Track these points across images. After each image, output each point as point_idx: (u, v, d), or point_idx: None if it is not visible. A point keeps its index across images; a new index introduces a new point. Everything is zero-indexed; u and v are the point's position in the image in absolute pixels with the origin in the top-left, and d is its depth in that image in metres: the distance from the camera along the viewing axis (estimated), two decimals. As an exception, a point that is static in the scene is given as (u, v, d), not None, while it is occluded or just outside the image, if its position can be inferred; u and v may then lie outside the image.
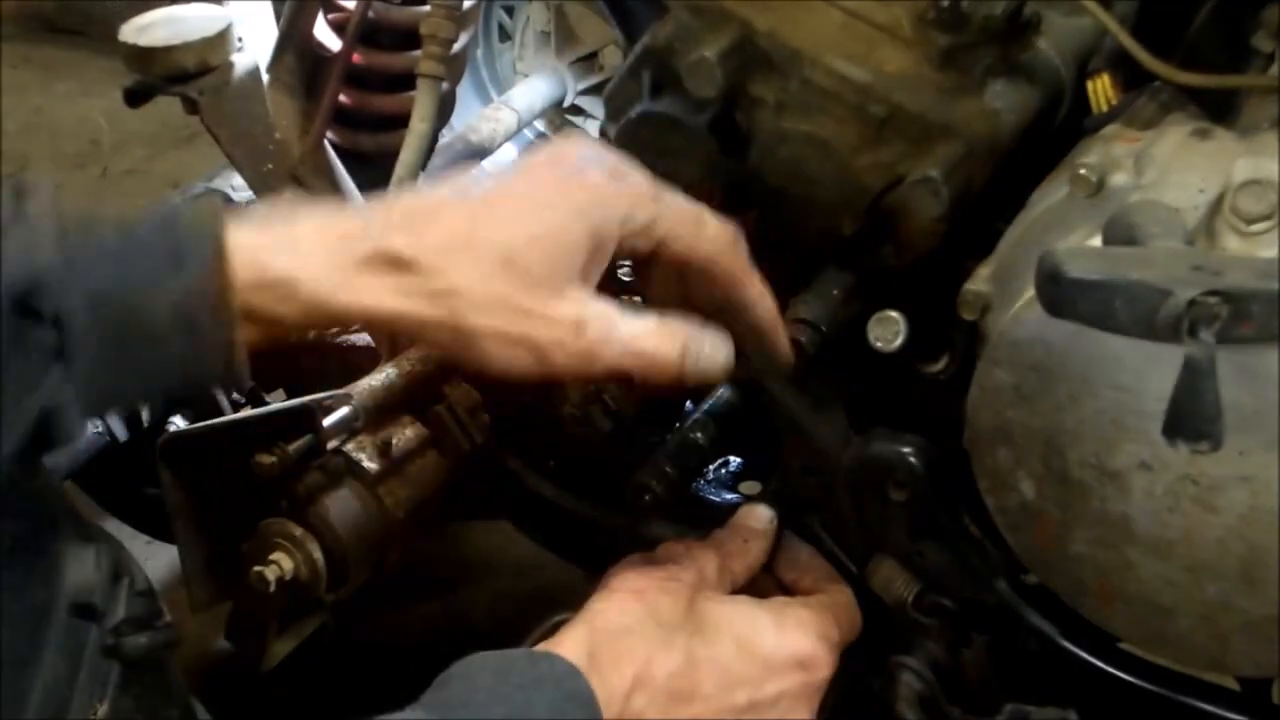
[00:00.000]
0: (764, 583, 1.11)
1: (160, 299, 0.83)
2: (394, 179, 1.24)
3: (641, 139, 1.09)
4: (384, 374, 1.24)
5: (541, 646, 0.93)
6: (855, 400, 1.11)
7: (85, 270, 0.82)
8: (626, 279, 1.04)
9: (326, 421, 1.18)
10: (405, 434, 1.23)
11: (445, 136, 2.00)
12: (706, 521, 1.16)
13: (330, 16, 1.53)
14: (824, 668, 1.04)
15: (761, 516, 1.13)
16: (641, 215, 0.93)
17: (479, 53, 2.33)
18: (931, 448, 1.07)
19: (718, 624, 1.01)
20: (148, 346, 0.83)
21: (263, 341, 0.87)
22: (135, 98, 1.33)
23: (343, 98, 1.53)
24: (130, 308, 0.82)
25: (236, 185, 1.91)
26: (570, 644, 0.93)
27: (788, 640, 1.02)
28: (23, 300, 0.80)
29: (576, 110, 2.35)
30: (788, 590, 1.12)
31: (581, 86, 2.30)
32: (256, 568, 1.14)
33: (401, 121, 1.29)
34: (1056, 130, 1.08)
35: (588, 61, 2.30)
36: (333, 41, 1.50)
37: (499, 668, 0.89)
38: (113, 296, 0.82)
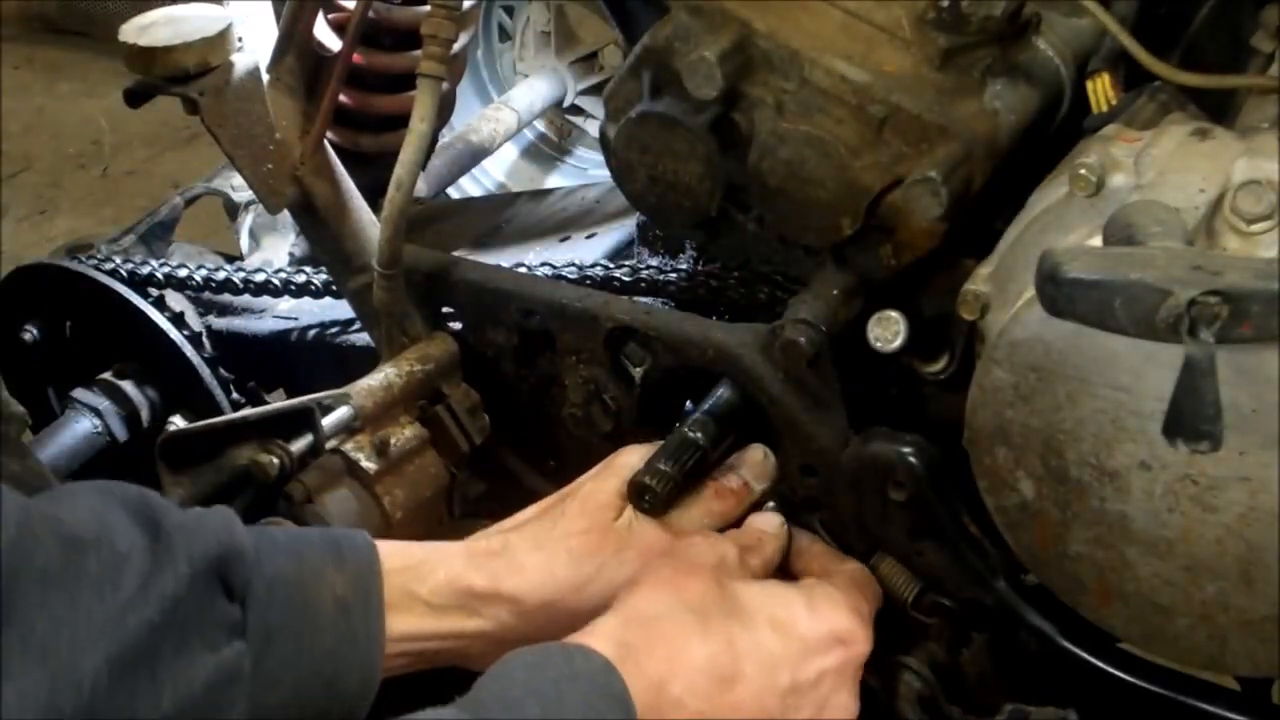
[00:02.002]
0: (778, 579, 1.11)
1: (325, 589, 0.94)
2: (394, 179, 1.24)
3: (641, 139, 1.10)
4: (382, 374, 1.24)
5: (574, 638, 0.92)
6: (855, 400, 1.11)
7: (268, 556, 0.93)
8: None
9: (325, 421, 1.18)
10: (404, 434, 1.23)
11: (445, 136, 2.01)
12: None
13: (330, 16, 1.53)
14: (862, 642, 1.03)
15: (772, 520, 1.13)
16: None
17: (479, 53, 2.34)
18: (931, 448, 1.07)
19: (750, 605, 1.00)
20: (310, 633, 0.93)
21: (400, 638, 0.99)
22: (136, 98, 1.33)
23: (343, 98, 1.53)
24: (301, 596, 0.93)
25: (236, 185, 1.91)
26: (601, 636, 0.92)
27: (823, 617, 1.01)
28: (218, 567, 0.88)
29: (576, 110, 2.36)
30: (797, 579, 1.12)
31: (581, 86, 2.30)
32: (256, 567, 1.14)
33: (401, 121, 1.28)
34: (1056, 130, 1.08)
35: (588, 61, 2.31)
36: (333, 41, 1.50)
37: (534, 662, 0.89)
38: (288, 583, 0.93)
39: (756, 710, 0.96)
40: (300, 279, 1.65)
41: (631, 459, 1.11)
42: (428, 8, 1.25)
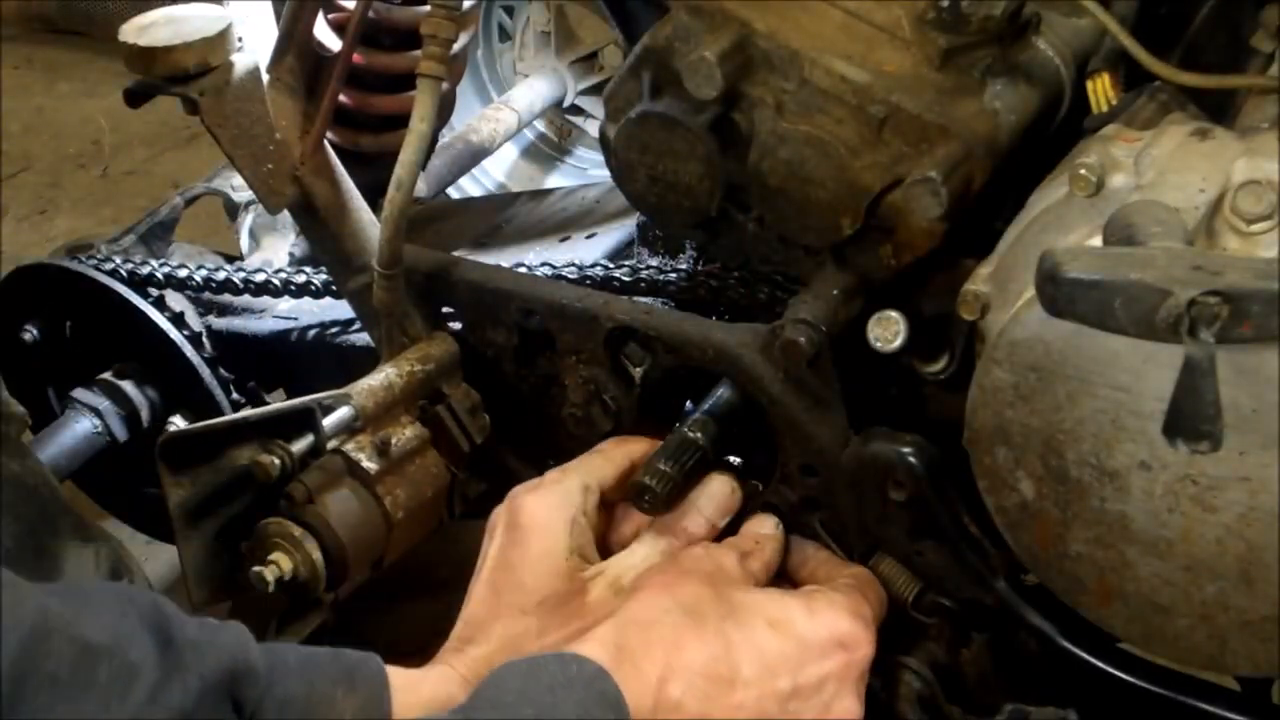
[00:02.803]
0: (781, 587, 1.11)
1: (334, 714, 0.91)
2: (394, 179, 1.24)
3: (641, 139, 1.10)
4: (383, 374, 1.24)
5: (569, 648, 0.93)
6: (855, 400, 1.11)
7: (279, 678, 0.90)
8: None
9: (326, 421, 1.18)
10: (404, 434, 1.23)
11: (445, 136, 2.01)
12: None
13: (330, 16, 1.53)
14: (864, 645, 1.02)
15: (768, 522, 1.13)
16: None
17: (479, 53, 2.34)
18: (931, 448, 1.07)
19: (747, 608, 0.99)
20: None
21: None
22: (136, 98, 1.33)
23: (343, 98, 1.53)
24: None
25: (236, 185, 1.91)
26: (596, 642, 0.92)
27: (822, 620, 1.01)
28: (230, 684, 0.87)
29: (576, 110, 2.36)
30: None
31: (581, 86, 2.31)
32: (256, 568, 1.14)
33: (401, 121, 1.28)
34: (1056, 130, 1.08)
35: (588, 61, 2.31)
36: (333, 41, 1.50)
37: (528, 670, 0.89)
38: (299, 706, 0.90)
39: (756, 713, 0.95)
40: (300, 279, 1.65)
41: (531, 507, 1.07)
42: (428, 8, 1.25)
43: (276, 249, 1.91)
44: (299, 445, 1.17)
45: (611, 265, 1.49)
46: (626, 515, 1.14)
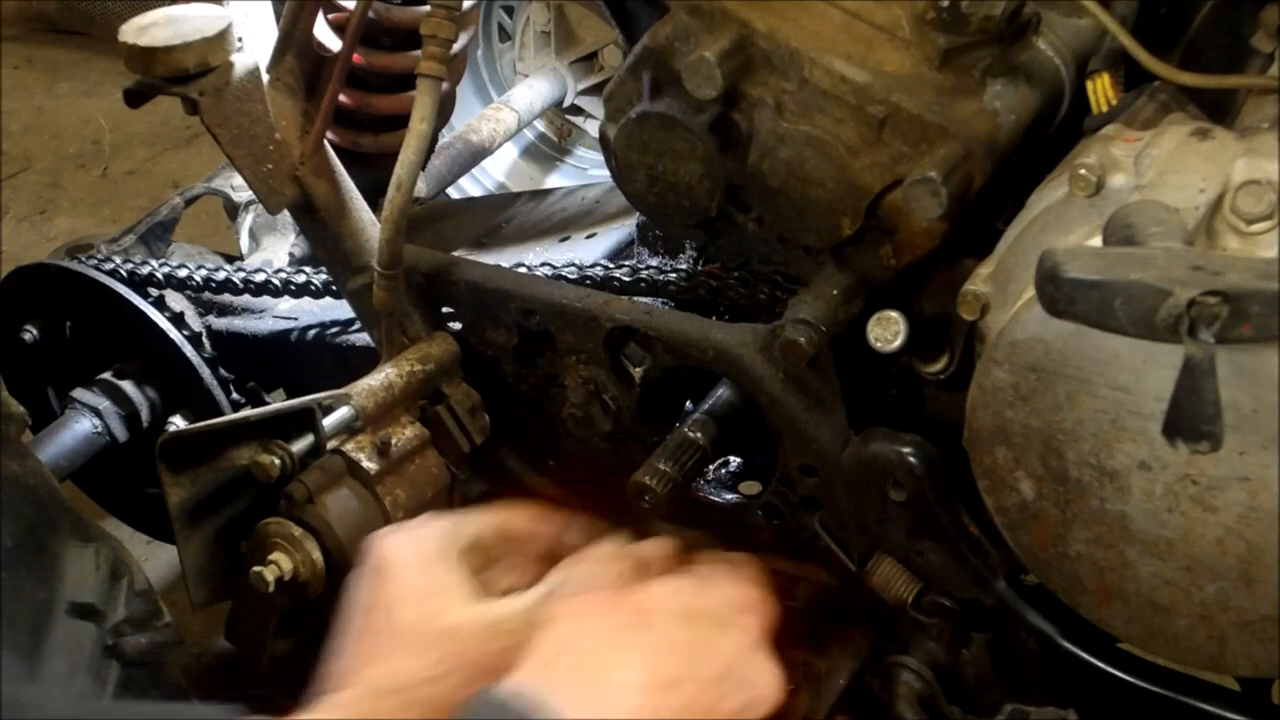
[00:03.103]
0: None
1: None
2: (394, 179, 1.24)
3: (641, 139, 1.10)
4: (383, 374, 1.24)
5: (504, 685, 0.90)
6: (855, 400, 1.11)
7: None
8: None
9: (326, 422, 1.18)
10: (404, 434, 1.23)
11: (445, 136, 2.01)
12: (706, 521, 1.16)
13: (330, 16, 1.53)
14: (762, 603, 1.01)
15: (663, 544, 1.10)
16: None
17: (479, 53, 2.34)
18: (931, 448, 1.07)
19: (657, 609, 0.99)
20: None
21: None
22: (136, 98, 1.33)
23: (343, 98, 1.53)
24: None
25: (236, 185, 1.91)
26: (530, 680, 0.90)
27: (719, 593, 1.01)
28: None
29: (576, 110, 2.36)
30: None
31: (581, 86, 2.31)
32: (256, 568, 1.14)
33: (401, 121, 1.29)
34: (1056, 130, 1.08)
35: (588, 61, 2.31)
36: (333, 41, 1.50)
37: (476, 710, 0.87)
38: None
39: (701, 710, 0.95)
40: (300, 279, 1.65)
41: (392, 549, 1.04)
42: (428, 8, 1.25)
43: (276, 249, 1.91)
44: (299, 445, 1.17)
45: (611, 265, 1.48)
46: (505, 571, 1.12)
